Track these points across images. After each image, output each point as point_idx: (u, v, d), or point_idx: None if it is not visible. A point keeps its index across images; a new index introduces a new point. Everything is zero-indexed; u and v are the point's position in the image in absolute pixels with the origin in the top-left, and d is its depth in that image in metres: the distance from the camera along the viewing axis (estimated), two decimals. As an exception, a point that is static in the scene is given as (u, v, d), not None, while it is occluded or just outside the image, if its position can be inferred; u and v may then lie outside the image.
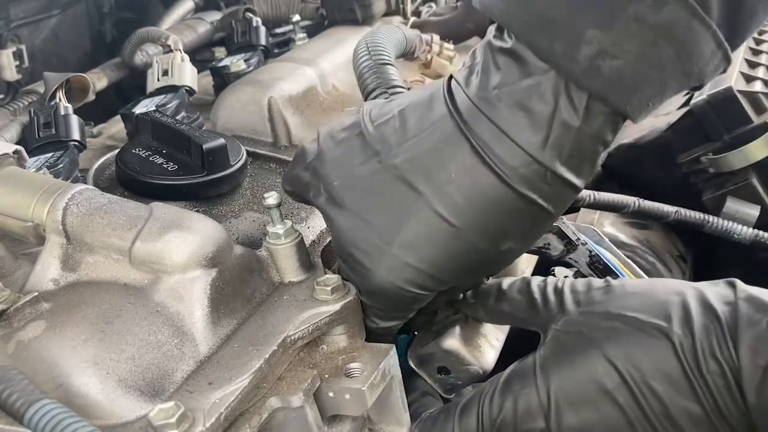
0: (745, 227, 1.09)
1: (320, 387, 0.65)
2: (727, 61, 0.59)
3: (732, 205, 1.15)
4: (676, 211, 1.09)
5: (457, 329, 0.79)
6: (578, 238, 0.84)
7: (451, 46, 1.15)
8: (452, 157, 0.62)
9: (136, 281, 0.66)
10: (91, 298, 0.64)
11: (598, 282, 0.71)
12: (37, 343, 0.60)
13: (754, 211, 1.15)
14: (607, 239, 0.88)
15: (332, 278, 0.68)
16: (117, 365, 0.59)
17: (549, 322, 0.70)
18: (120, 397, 0.58)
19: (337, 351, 0.69)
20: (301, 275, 0.72)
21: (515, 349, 0.83)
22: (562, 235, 0.84)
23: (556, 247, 0.85)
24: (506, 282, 0.76)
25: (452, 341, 0.78)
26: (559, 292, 0.71)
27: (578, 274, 0.87)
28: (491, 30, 0.63)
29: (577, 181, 0.63)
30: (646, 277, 0.88)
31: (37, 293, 0.66)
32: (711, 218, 1.09)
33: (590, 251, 0.85)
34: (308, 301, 0.68)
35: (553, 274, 0.89)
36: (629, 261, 0.88)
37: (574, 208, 1.09)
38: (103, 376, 0.58)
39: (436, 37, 1.08)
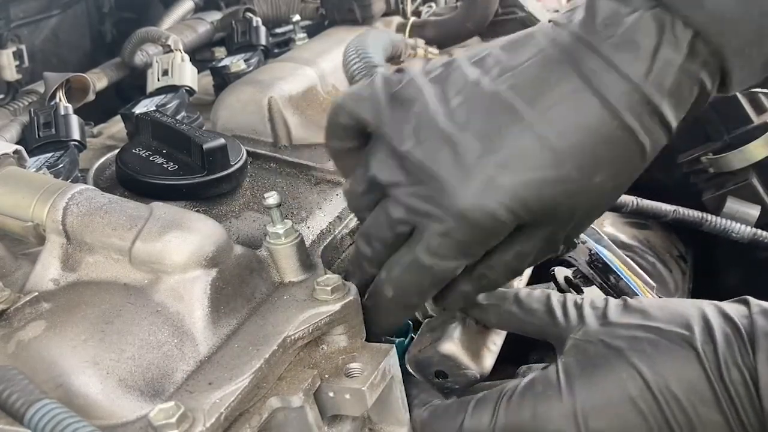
0: (743, 226, 1.09)
1: (320, 387, 0.65)
2: None
3: (732, 204, 1.16)
4: (675, 210, 1.09)
5: (455, 333, 0.79)
6: None
7: (435, 50, 1.15)
8: (556, 84, 0.61)
9: (136, 281, 0.66)
10: (91, 298, 0.64)
11: (615, 300, 0.72)
12: (37, 343, 0.60)
13: (754, 211, 1.15)
14: (606, 238, 0.88)
15: (332, 278, 0.68)
16: (117, 365, 0.59)
17: (567, 333, 0.70)
18: (120, 397, 0.58)
19: (337, 351, 0.69)
20: (301, 275, 0.72)
21: (510, 354, 0.83)
22: None
23: None
24: (524, 291, 0.77)
25: (450, 345, 0.78)
26: (578, 306, 0.72)
27: (577, 272, 0.87)
28: None
29: (672, 119, 0.63)
30: (644, 275, 0.88)
31: (37, 293, 0.66)
32: (709, 217, 1.10)
33: (590, 249, 0.84)
34: (308, 301, 0.68)
35: (553, 273, 0.89)
36: (629, 260, 0.88)
37: None
38: (103, 376, 0.58)
39: (420, 41, 1.08)
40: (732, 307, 0.66)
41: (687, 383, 0.62)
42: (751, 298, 0.67)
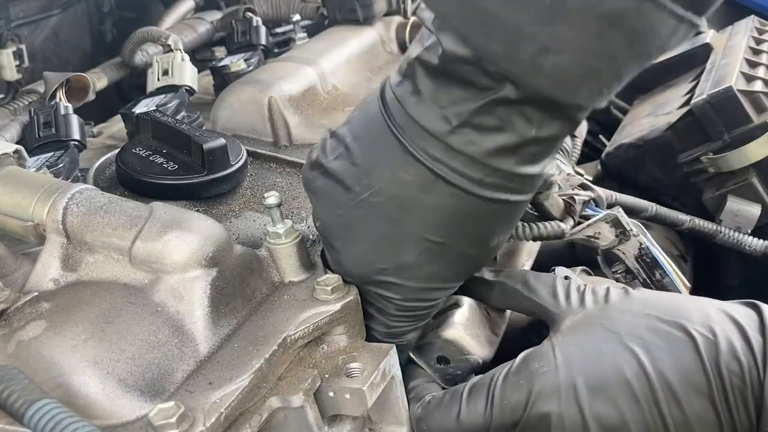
0: (756, 239, 1.10)
1: (320, 387, 0.65)
2: (695, 27, 0.56)
3: (733, 204, 1.15)
4: (690, 220, 1.10)
5: (457, 319, 0.79)
6: (632, 229, 0.83)
7: None
8: (416, 184, 0.63)
9: (136, 281, 0.66)
10: (91, 297, 0.64)
11: (617, 289, 0.72)
12: (37, 343, 0.60)
13: (755, 210, 1.15)
14: (648, 234, 0.87)
15: (332, 278, 0.68)
16: (117, 365, 0.59)
17: (566, 314, 0.71)
18: (120, 396, 0.58)
19: (337, 351, 0.69)
20: (302, 275, 0.72)
21: (510, 353, 0.83)
22: (617, 224, 0.83)
23: (607, 237, 0.84)
24: (532, 272, 0.78)
25: (452, 330, 0.78)
26: (581, 291, 0.73)
27: (622, 266, 0.86)
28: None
29: (536, 170, 0.63)
30: (683, 277, 0.87)
31: (37, 293, 0.66)
32: (723, 229, 1.10)
33: (641, 243, 0.83)
34: (308, 300, 0.68)
35: (554, 273, 0.89)
36: (668, 258, 0.87)
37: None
38: (103, 375, 0.58)
39: None
40: (734, 308, 0.66)
41: (682, 370, 0.62)
42: (762, 305, 0.66)
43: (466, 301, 0.81)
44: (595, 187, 0.90)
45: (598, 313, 0.69)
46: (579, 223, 0.85)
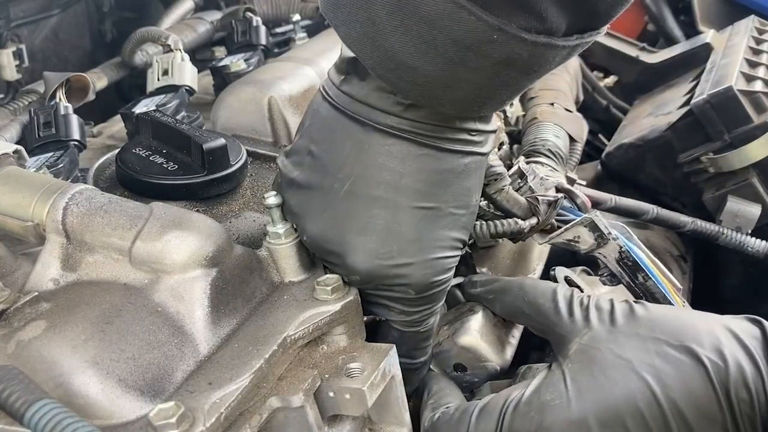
0: (758, 240, 1.10)
1: (320, 387, 0.65)
2: (593, 40, 0.61)
3: (733, 204, 1.16)
4: (693, 222, 1.10)
5: (474, 325, 0.78)
6: (609, 232, 0.83)
7: None
8: (392, 157, 0.66)
9: (136, 281, 0.66)
10: (91, 297, 0.64)
11: (621, 304, 0.71)
12: (37, 343, 0.60)
13: (755, 210, 1.15)
14: (635, 237, 0.87)
15: (332, 278, 0.68)
16: (117, 365, 0.59)
17: (571, 335, 0.70)
18: (120, 396, 0.58)
19: (337, 351, 0.69)
20: (302, 275, 0.72)
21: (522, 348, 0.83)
22: (594, 228, 0.83)
23: (586, 240, 0.83)
24: (530, 283, 0.77)
25: (469, 338, 0.77)
26: (585, 307, 0.72)
27: (605, 270, 0.86)
28: None
29: (487, 125, 0.70)
30: (672, 278, 0.87)
31: (37, 293, 0.66)
32: (726, 230, 1.10)
33: (620, 246, 0.83)
34: (308, 300, 0.68)
35: (554, 274, 0.88)
36: (656, 260, 0.86)
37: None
38: (103, 375, 0.58)
39: None
40: (740, 327, 0.66)
41: (693, 399, 0.62)
42: (765, 322, 0.66)
43: (481, 308, 0.80)
44: (580, 193, 0.90)
45: (606, 337, 0.68)
46: (552, 226, 0.84)
